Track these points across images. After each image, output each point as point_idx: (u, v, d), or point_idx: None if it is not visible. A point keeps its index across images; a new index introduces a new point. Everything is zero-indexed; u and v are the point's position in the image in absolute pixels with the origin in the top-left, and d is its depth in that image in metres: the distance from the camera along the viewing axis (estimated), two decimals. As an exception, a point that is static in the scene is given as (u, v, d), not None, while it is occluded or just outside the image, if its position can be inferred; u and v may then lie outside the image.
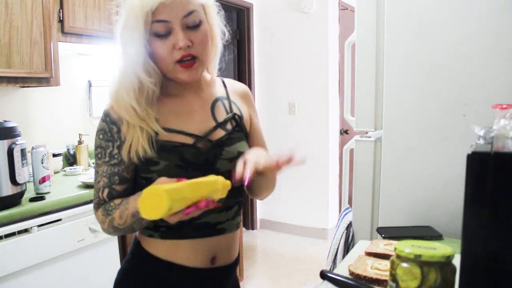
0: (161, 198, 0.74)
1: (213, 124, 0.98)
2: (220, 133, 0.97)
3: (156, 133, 0.92)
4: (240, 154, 0.96)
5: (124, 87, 0.92)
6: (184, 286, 0.98)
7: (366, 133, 1.70)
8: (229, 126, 0.99)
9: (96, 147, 0.95)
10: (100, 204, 0.95)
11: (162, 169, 0.90)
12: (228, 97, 1.04)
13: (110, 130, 0.93)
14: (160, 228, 0.96)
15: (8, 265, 1.50)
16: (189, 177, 0.83)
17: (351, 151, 1.76)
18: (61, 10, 1.99)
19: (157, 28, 0.87)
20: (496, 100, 1.04)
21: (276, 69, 3.95)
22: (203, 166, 0.93)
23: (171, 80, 0.95)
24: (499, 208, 0.65)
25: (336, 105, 3.89)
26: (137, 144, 0.90)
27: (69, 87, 2.44)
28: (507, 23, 1.31)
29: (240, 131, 1.01)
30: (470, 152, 0.66)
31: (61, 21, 2.00)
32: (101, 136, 0.94)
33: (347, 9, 4.01)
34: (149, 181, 0.90)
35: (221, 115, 1.00)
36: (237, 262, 1.05)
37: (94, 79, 2.58)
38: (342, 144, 3.92)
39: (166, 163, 0.90)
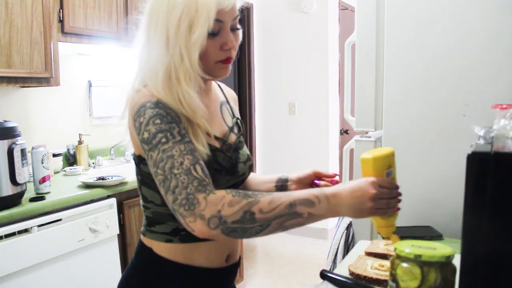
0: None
1: (226, 128, 0.99)
2: (233, 137, 0.99)
3: (208, 134, 0.88)
4: (249, 157, 1.01)
5: (181, 76, 0.85)
6: (201, 285, 0.96)
7: (366, 133, 1.69)
8: (236, 130, 1.02)
9: (156, 133, 0.79)
10: (203, 184, 0.75)
11: None
12: (228, 102, 1.07)
13: (168, 114, 0.82)
14: (180, 232, 0.92)
15: (8, 265, 1.50)
16: (222, 180, 0.88)
17: (351, 151, 1.76)
18: (61, 10, 1.99)
19: (213, 26, 0.85)
20: (496, 100, 1.04)
21: (276, 69, 3.94)
22: (230, 169, 0.93)
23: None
24: (499, 208, 0.65)
25: (336, 105, 3.89)
26: (198, 141, 0.84)
27: (69, 87, 2.44)
28: (507, 23, 1.31)
29: (242, 135, 1.05)
30: (470, 152, 0.66)
31: (61, 21, 2.00)
32: (158, 121, 0.80)
33: (347, 9, 4.02)
34: None
35: (228, 119, 1.02)
36: (240, 258, 1.07)
37: (94, 79, 2.58)
38: (342, 144, 3.92)
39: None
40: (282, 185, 1.12)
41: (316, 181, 1.07)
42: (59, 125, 2.40)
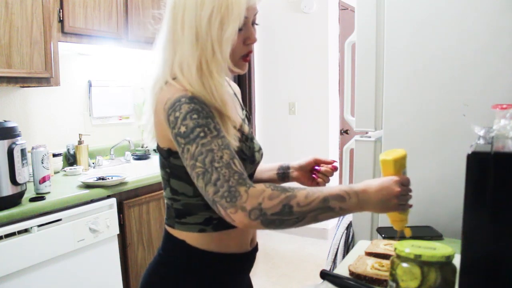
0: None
1: (240, 119, 1.02)
2: (246, 128, 1.02)
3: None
4: (260, 146, 1.06)
5: (214, 69, 0.88)
6: (234, 272, 1.02)
7: (366, 133, 1.69)
8: (246, 121, 1.07)
9: (193, 128, 0.81)
10: (244, 178, 0.78)
11: None
12: (235, 95, 1.11)
13: (203, 109, 0.83)
14: (213, 221, 0.95)
15: (8, 265, 1.50)
16: (247, 169, 0.90)
17: (351, 151, 1.76)
18: (61, 10, 1.99)
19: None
20: (496, 100, 1.04)
21: (276, 69, 3.94)
22: (251, 158, 0.98)
23: None
24: (499, 208, 0.65)
25: (336, 105, 3.89)
26: (229, 134, 0.86)
27: (69, 87, 2.44)
28: (507, 23, 1.31)
29: (250, 126, 1.09)
30: (470, 152, 0.66)
31: (61, 21, 2.00)
32: (195, 116, 0.82)
33: (347, 9, 4.02)
34: None
35: (239, 111, 1.06)
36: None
37: (94, 79, 2.58)
38: (342, 144, 3.92)
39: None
40: (283, 173, 1.17)
41: (316, 167, 1.13)
42: (59, 125, 2.40)
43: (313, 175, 1.14)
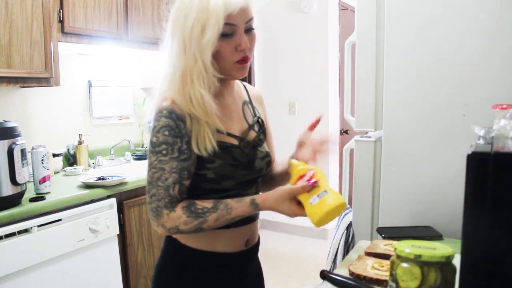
0: (341, 209, 0.91)
1: (246, 125, 1.08)
2: (253, 134, 1.08)
3: (218, 131, 0.98)
4: (267, 153, 1.11)
5: (194, 77, 0.94)
6: (223, 268, 1.06)
7: (366, 133, 1.69)
8: (256, 128, 1.11)
9: (160, 143, 0.94)
10: (173, 202, 0.94)
11: (217, 166, 0.98)
12: (250, 101, 1.15)
13: (177, 126, 0.94)
14: None
15: (8, 265, 1.50)
16: (239, 175, 1.01)
17: (351, 151, 1.76)
18: (61, 10, 1.99)
19: (225, 29, 0.93)
20: (496, 100, 1.04)
21: (276, 69, 3.94)
22: (247, 165, 1.04)
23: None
24: (499, 208, 0.65)
25: (336, 105, 3.89)
26: (204, 138, 0.95)
27: (69, 87, 2.44)
28: (507, 23, 1.31)
29: (263, 133, 1.13)
30: (470, 152, 0.66)
31: (61, 21, 2.00)
32: (166, 133, 0.93)
33: (347, 9, 4.02)
34: (202, 177, 0.99)
35: (249, 118, 1.11)
36: (259, 240, 1.17)
37: (94, 79, 2.58)
38: (342, 144, 3.92)
39: (221, 161, 0.98)
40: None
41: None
42: (59, 125, 2.40)
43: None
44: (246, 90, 1.17)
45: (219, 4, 0.90)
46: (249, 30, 0.97)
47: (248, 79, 3.92)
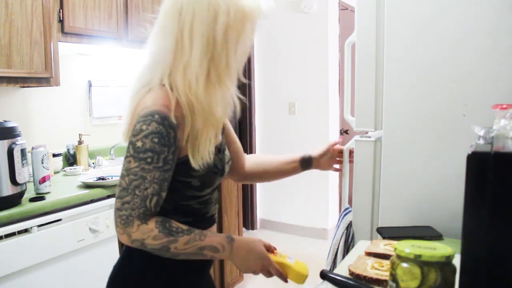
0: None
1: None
2: (220, 138, 1.03)
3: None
4: (229, 156, 1.09)
5: (228, 82, 0.94)
6: (190, 274, 1.04)
7: (366, 133, 1.69)
8: (220, 132, 1.06)
9: (146, 150, 0.87)
10: (146, 214, 0.88)
11: (203, 174, 0.96)
12: None
13: (167, 135, 0.88)
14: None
15: (8, 265, 1.50)
16: (217, 181, 1.02)
17: (351, 151, 1.75)
18: (61, 10, 1.99)
19: None
20: (496, 100, 1.04)
21: (276, 69, 3.94)
22: (221, 170, 1.03)
23: None
24: (499, 208, 0.65)
25: (336, 105, 3.89)
26: (207, 149, 0.93)
27: (69, 87, 2.44)
28: (507, 23, 1.31)
29: (222, 133, 1.07)
30: (470, 152, 0.66)
31: (61, 21, 2.00)
32: (156, 140, 0.87)
33: (347, 9, 4.02)
34: (187, 185, 0.96)
35: None
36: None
37: (94, 79, 2.58)
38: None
39: (207, 169, 0.96)
40: (306, 164, 1.36)
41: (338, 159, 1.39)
42: (59, 125, 2.40)
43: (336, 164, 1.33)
44: None
45: (256, 9, 0.90)
46: None
47: (248, 79, 3.92)
